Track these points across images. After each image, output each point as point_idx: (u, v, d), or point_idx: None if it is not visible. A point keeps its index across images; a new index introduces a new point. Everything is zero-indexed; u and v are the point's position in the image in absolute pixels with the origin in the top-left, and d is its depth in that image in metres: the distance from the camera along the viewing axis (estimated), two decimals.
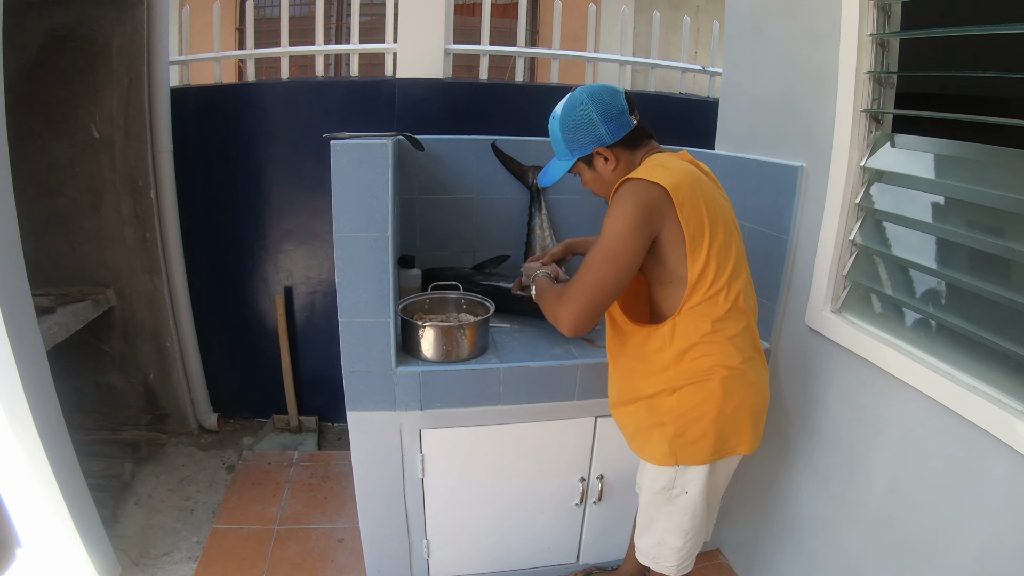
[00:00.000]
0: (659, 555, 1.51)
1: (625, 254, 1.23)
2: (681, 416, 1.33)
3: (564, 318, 1.27)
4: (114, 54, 2.23)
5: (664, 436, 1.36)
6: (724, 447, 1.36)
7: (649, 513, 1.50)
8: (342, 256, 1.53)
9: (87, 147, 2.31)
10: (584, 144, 1.36)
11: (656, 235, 1.26)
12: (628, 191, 1.25)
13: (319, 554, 2.07)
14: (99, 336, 2.48)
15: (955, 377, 1.27)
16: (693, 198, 1.25)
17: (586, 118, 1.34)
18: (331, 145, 1.46)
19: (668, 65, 2.76)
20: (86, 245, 2.40)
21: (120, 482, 2.25)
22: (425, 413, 1.67)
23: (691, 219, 1.24)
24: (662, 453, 1.37)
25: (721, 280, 1.29)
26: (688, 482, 1.39)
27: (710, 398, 1.31)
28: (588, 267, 1.26)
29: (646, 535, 1.52)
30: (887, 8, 1.49)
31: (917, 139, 1.46)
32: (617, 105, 1.34)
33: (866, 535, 1.51)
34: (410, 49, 2.49)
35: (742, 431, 1.37)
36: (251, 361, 2.85)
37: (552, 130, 1.41)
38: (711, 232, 1.26)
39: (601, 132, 1.34)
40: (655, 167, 1.28)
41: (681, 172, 1.28)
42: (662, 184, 1.22)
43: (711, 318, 1.29)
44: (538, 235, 2.21)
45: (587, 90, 1.36)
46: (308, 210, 2.64)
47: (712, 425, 1.32)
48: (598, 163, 1.39)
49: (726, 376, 1.31)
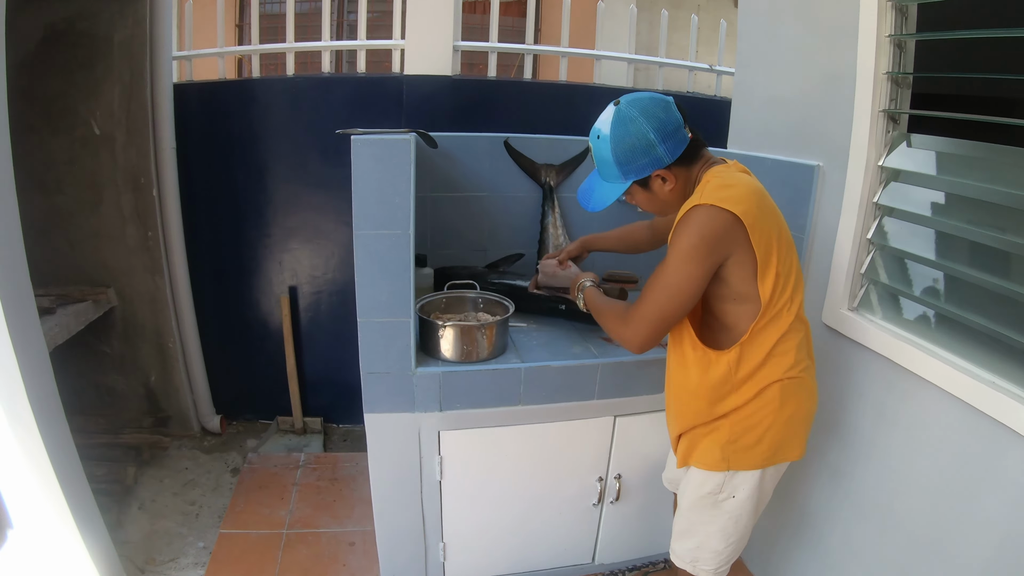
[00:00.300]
0: (697, 559, 1.46)
1: (690, 288, 1.21)
2: (737, 423, 1.31)
3: (632, 340, 1.28)
4: (115, 48, 2.18)
5: (717, 441, 1.34)
6: (778, 453, 1.34)
7: (691, 517, 1.45)
8: (362, 255, 1.50)
9: (87, 144, 2.25)
10: (641, 167, 1.25)
11: (724, 260, 1.21)
12: (697, 220, 1.18)
13: (330, 558, 2.04)
14: (99, 337, 2.42)
15: (974, 373, 1.28)
16: (762, 219, 1.21)
17: (642, 139, 1.22)
18: (352, 141, 1.43)
19: (676, 64, 2.76)
20: (86, 244, 2.34)
21: (123, 487, 2.20)
22: (444, 414, 1.65)
23: (761, 242, 1.20)
24: (714, 458, 1.34)
25: (786, 294, 1.26)
26: (737, 486, 1.36)
27: (768, 405, 1.29)
28: (653, 296, 1.23)
29: (685, 539, 1.48)
30: (904, 9, 1.50)
31: (933, 139, 1.48)
32: (673, 120, 1.23)
33: (883, 532, 1.51)
34: (418, 45, 2.46)
35: (796, 437, 1.35)
36: (254, 362, 2.80)
37: (599, 151, 1.28)
38: (777, 249, 1.23)
39: (659, 153, 1.23)
40: (721, 187, 1.20)
41: (747, 190, 1.22)
42: (733, 211, 1.16)
43: (777, 333, 1.27)
44: (551, 233, 2.20)
45: (637, 104, 1.23)
46: (313, 208, 2.61)
47: (768, 431, 1.30)
48: (655, 184, 1.28)
49: (785, 383, 1.29)
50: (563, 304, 1.88)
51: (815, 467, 1.75)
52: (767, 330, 1.26)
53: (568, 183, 2.25)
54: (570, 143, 2.23)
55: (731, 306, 1.27)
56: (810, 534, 1.78)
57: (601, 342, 1.81)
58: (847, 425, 1.64)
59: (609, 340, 1.81)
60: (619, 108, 1.25)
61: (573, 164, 2.24)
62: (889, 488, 1.50)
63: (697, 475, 1.40)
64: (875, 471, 1.55)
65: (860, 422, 1.60)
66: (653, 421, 1.80)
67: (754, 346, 1.27)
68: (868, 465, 1.57)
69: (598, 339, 1.82)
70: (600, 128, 1.27)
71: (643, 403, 1.77)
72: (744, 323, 1.26)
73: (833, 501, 1.69)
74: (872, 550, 1.55)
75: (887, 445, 1.51)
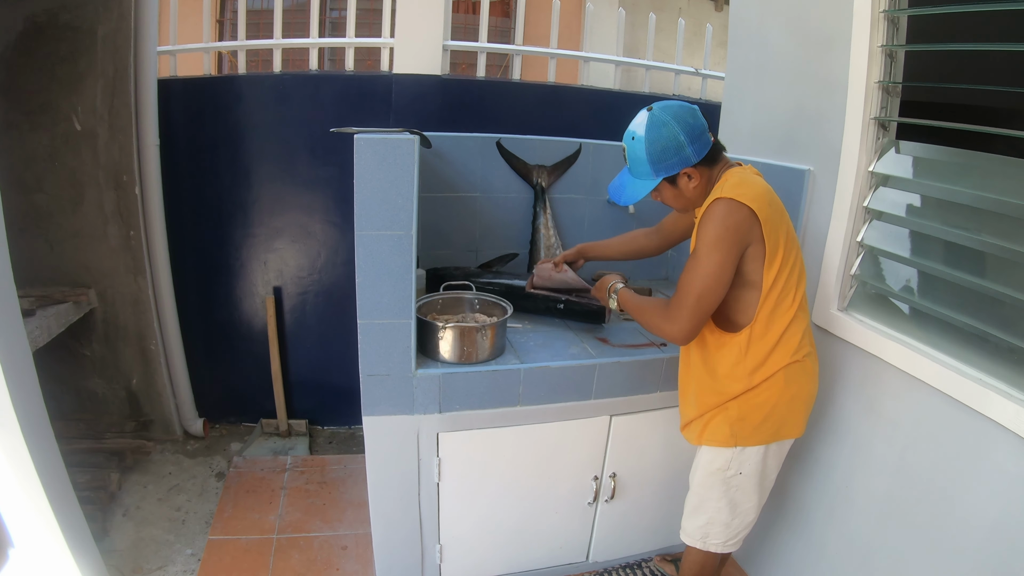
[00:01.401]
0: (707, 534, 1.58)
1: (724, 273, 1.33)
2: (745, 402, 1.45)
3: (676, 334, 1.39)
4: (99, 42, 2.12)
5: (727, 419, 1.47)
6: (781, 431, 1.48)
7: (701, 495, 1.57)
8: (363, 256, 1.49)
9: (68, 140, 2.18)
10: (671, 166, 1.38)
11: (744, 250, 1.35)
12: (721, 213, 1.32)
13: (323, 563, 2.01)
14: (80, 340, 2.35)
15: (961, 370, 1.34)
16: (773, 214, 1.36)
17: (673, 140, 1.35)
18: (355, 140, 1.42)
19: (662, 67, 2.80)
20: (66, 244, 2.27)
21: (107, 493, 2.14)
22: (443, 416, 1.65)
23: (771, 235, 1.34)
24: (723, 435, 1.48)
25: (790, 284, 1.40)
26: (744, 462, 1.50)
27: (774, 386, 1.43)
28: (690, 287, 1.35)
29: (695, 516, 1.60)
30: (896, 21, 1.55)
31: (921, 146, 1.54)
32: (699, 124, 1.37)
33: (875, 523, 1.56)
34: (408, 44, 2.45)
35: (797, 416, 1.50)
36: (238, 364, 2.75)
37: (633, 151, 1.40)
38: (784, 243, 1.37)
39: (688, 153, 1.36)
40: (738, 184, 1.34)
41: (760, 189, 1.36)
42: (749, 205, 1.31)
43: (784, 322, 1.41)
44: (543, 234, 2.21)
45: (669, 110, 1.36)
46: (300, 207, 2.57)
47: (774, 410, 1.44)
48: (682, 182, 1.41)
49: (789, 367, 1.43)
50: (561, 303, 1.89)
51: (805, 460, 1.79)
52: (774, 318, 1.40)
53: (559, 184, 2.27)
54: (562, 144, 2.24)
55: (740, 292, 1.40)
56: (799, 524, 1.83)
57: (597, 342, 1.82)
58: (838, 421, 1.68)
59: (605, 340, 1.83)
60: (653, 113, 1.37)
61: (565, 165, 2.25)
62: (881, 481, 1.55)
63: (707, 453, 1.54)
64: (866, 464, 1.60)
65: (850, 418, 1.65)
66: (648, 420, 1.82)
67: (763, 332, 1.41)
68: (859, 459, 1.62)
69: (594, 339, 1.84)
70: (635, 130, 1.39)
71: (639, 402, 1.79)
72: (752, 308, 1.40)
73: (823, 493, 1.74)
74: (865, 539, 1.60)
75: (878, 440, 1.56)
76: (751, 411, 1.45)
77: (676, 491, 1.93)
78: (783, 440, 1.51)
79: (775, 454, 1.53)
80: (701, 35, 2.98)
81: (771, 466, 1.54)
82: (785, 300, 1.40)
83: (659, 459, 1.90)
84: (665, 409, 1.83)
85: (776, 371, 1.42)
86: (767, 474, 1.54)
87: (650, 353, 1.78)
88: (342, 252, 2.61)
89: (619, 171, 1.43)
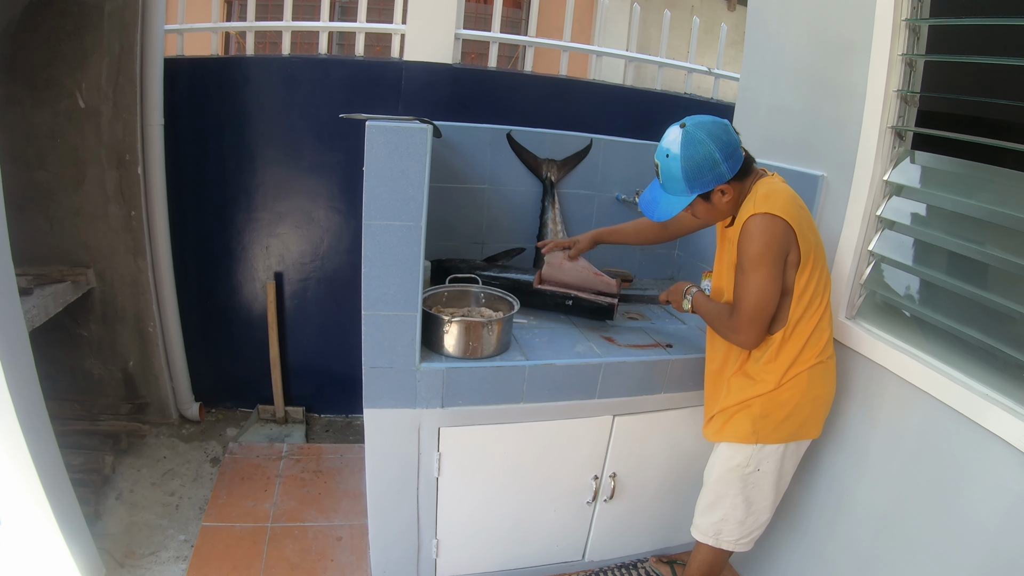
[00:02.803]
0: (720, 531, 1.60)
1: (773, 285, 1.39)
2: (769, 400, 1.48)
3: (743, 342, 1.46)
4: (105, 18, 2.07)
5: (749, 416, 1.50)
6: (801, 430, 1.52)
7: (717, 491, 1.59)
8: (371, 245, 1.47)
9: (71, 117, 2.14)
10: (706, 183, 1.40)
11: (785, 258, 1.40)
12: (759, 228, 1.37)
13: (318, 553, 2.00)
14: (77, 320, 2.32)
15: (968, 385, 1.33)
16: (803, 224, 1.41)
17: (709, 158, 1.37)
18: (367, 127, 1.39)
19: (675, 65, 2.77)
20: (66, 222, 2.23)
21: (101, 476, 2.12)
22: (446, 411, 1.63)
23: (803, 241, 1.40)
24: (744, 432, 1.51)
25: (820, 288, 1.45)
26: (763, 460, 1.53)
27: (798, 386, 1.47)
28: (746, 301, 1.41)
29: (709, 514, 1.61)
30: (917, 30, 1.53)
31: (936, 157, 1.52)
32: (733, 141, 1.40)
33: (874, 534, 1.56)
34: (419, 31, 2.41)
35: (817, 417, 1.54)
36: (236, 349, 2.72)
37: (668, 168, 1.41)
38: (814, 249, 1.43)
39: (723, 170, 1.38)
40: (767, 196, 1.39)
41: (791, 200, 1.41)
42: (783, 217, 1.36)
43: (812, 324, 1.45)
44: (551, 229, 2.20)
45: (703, 127, 1.37)
46: (304, 193, 2.54)
47: (796, 409, 1.48)
48: (715, 197, 1.43)
49: (813, 368, 1.47)
50: (570, 299, 1.88)
51: (806, 467, 1.78)
52: (804, 319, 1.45)
53: (569, 179, 2.25)
54: (572, 139, 2.22)
55: (780, 299, 1.45)
56: (798, 531, 1.82)
57: (603, 341, 1.81)
58: (842, 430, 1.68)
59: (611, 340, 1.82)
60: (687, 130, 1.38)
61: (575, 160, 2.23)
62: (883, 491, 1.54)
63: (726, 450, 1.56)
64: (868, 474, 1.59)
65: (854, 427, 1.64)
66: (651, 421, 1.81)
67: (795, 333, 1.45)
68: (862, 468, 1.61)
69: (600, 338, 1.82)
70: (669, 148, 1.40)
71: (643, 403, 1.78)
72: (785, 312, 1.45)
73: (824, 501, 1.74)
74: (864, 552, 1.59)
75: (881, 450, 1.56)
76: (774, 409, 1.48)
77: (676, 493, 1.93)
78: (801, 440, 1.55)
79: (793, 454, 1.56)
80: (713, 34, 2.95)
81: (788, 467, 1.57)
82: (815, 302, 1.44)
83: (660, 461, 1.89)
84: (669, 411, 1.82)
85: (802, 371, 1.46)
86: (784, 474, 1.57)
87: (656, 354, 1.76)
88: (345, 239, 2.59)
89: (628, 167, 1.47)
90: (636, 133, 2.33)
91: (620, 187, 2.31)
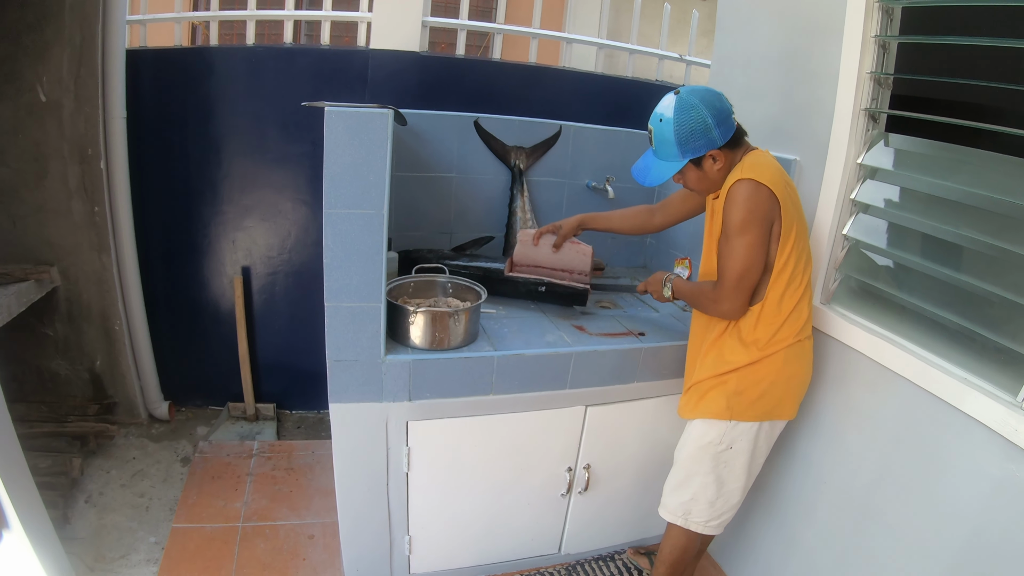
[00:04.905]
0: (690, 511, 1.58)
1: (758, 251, 1.38)
2: (744, 377, 1.47)
3: (727, 312, 1.45)
4: (66, 9, 2.00)
5: (724, 392, 1.49)
6: (775, 409, 1.51)
7: (688, 469, 1.57)
8: (332, 235, 1.43)
9: (32, 111, 2.07)
10: (698, 147, 1.40)
11: (771, 227, 1.39)
12: (744, 194, 1.36)
13: (290, 552, 1.96)
14: (41, 319, 2.25)
15: (946, 369, 1.32)
16: (788, 195, 1.41)
17: (701, 122, 1.37)
18: (325, 112, 1.35)
19: (646, 51, 2.74)
20: (28, 219, 2.16)
21: (68, 479, 2.06)
22: (413, 404, 1.60)
23: (786, 215, 1.39)
24: (719, 407, 1.49)
25: (800, 267, 1.44)
26: (736, 438, 1.51)
27: (773, 363, 1.46)
28: (730, 268, 1.40)
29: (678, 492, 1.59)
30: (890, 11, 1.51)
31: (910, 139, 1.50)
32: (725, 108, 1.41)
33: (853, 520, 1.54)
34: (386, 19, 2.37)
35: (791, 397, 1.53)
36: (205, 346, 2.67)
37: (661, 132, 1.41)
38: (796, 226, 1.41)
39: (714, 135, 1.39)
40: (754, 166, 1.39)
41: (777, 172, 1.41)
42: (768, 185, 1.36)
43: (791, 302, 1.44)
44: (519, 217, 2.17)
45: (696, 94, 1.39)
46: (271, 185, 2.49)
47: (771, 387, 1.47)
48: (706, 164, 1.43)
49: (790, 347, 1.46)
50: (543, 285, 1.85)
51: (783, 454, 1.76)
52: (785, 297, 1.44)
53: (538, 167, 2.21)
54: (541, 126, 2.19)
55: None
56: (778, 523, 1.80)
57: (574, 330, 1.78)
58: (817, 416, 1.66)
59: (582, 328, 1.79)
60: (680, 96, 1.39)
61: (544, 147, 2.20)
62: (861, 477, 1.53)
63: (700, 426, 1.54)
64: (846, 461, 1.57)
65: (830, 413, 1.63)
66: (625, 411, 1.79)
67: (773, 310, 1.44)
68: (839, 454, 1.60)
69: (571, 327, 1.79)
70: (663, 112, 1.41)
71: (616, 393, 1.75)
72: (764, 286, 1.44)
73: (801, 488, 1.72)
74: (841, 539, 1.58)
75: (858, 436, 1.54)
76: (749, 386, 1.47)
77: (652, 484, 1.90)
78: (776, 420, 1.53)
79: (767, 434, 1.54)
80: (684, 22, 2.91)
81: (761, 447, 1.55)
82: (795, 280, 1.43)
83: (635, 451, 1.86)
84: (642, 400, 1.79)
85: (779, 349, 1.45)
86: (756, 455, 1.55)
87: (628, 343, 1.74)
88: (312, 232, 2.54)
89: (598, 155, 1.44)
90: (607, 120, 2.30)
91: (591, 175, 2.27)
